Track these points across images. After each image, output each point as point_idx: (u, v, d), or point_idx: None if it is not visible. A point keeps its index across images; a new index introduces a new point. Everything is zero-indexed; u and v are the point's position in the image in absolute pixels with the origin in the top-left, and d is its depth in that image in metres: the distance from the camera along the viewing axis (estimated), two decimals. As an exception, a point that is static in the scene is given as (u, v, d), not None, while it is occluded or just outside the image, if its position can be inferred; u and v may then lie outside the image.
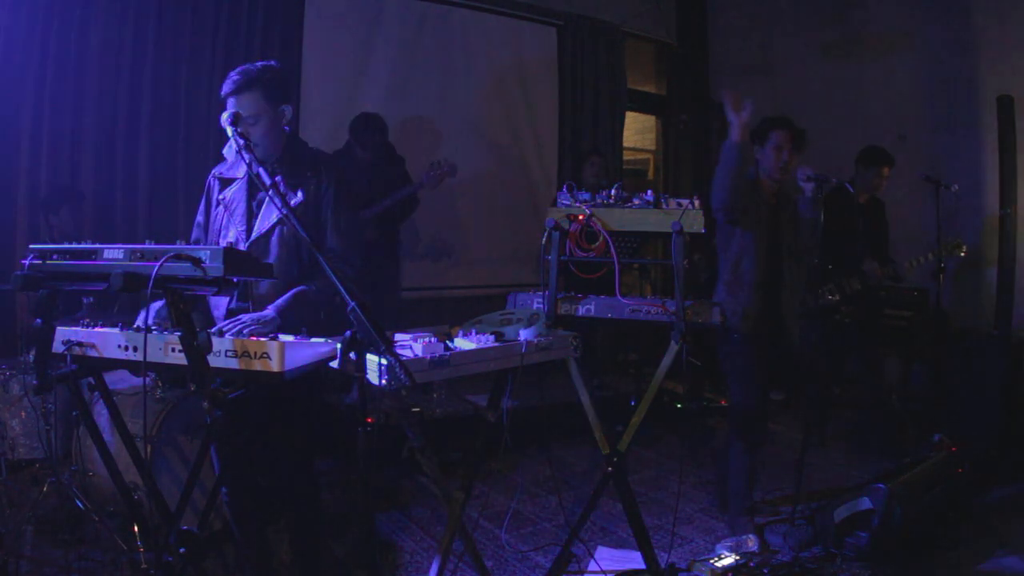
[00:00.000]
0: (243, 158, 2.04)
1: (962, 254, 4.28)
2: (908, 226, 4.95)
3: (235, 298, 2.35)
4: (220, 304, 2.37)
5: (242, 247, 2.34)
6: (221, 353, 1.82)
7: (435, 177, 4.49)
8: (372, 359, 1.84)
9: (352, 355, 1.71)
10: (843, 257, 4.19)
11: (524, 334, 2.22)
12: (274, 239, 2.34)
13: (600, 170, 5.14)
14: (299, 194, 2.34)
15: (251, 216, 2.37)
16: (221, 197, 2.43)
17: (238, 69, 2.31)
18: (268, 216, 2.33)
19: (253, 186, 2.34)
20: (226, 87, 2.28)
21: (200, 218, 2.50)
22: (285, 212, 1.98)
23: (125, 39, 4.28)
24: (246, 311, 2.28)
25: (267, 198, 2.25)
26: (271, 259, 2.33)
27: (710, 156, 6.84)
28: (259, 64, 2.33)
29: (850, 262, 4.21)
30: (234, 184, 2.41)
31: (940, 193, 4.22)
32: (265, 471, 2.49)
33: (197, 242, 2.48)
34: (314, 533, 2.50)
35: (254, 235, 2.35)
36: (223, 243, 2.33)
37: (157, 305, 2.11)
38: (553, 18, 6.00)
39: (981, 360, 4.42)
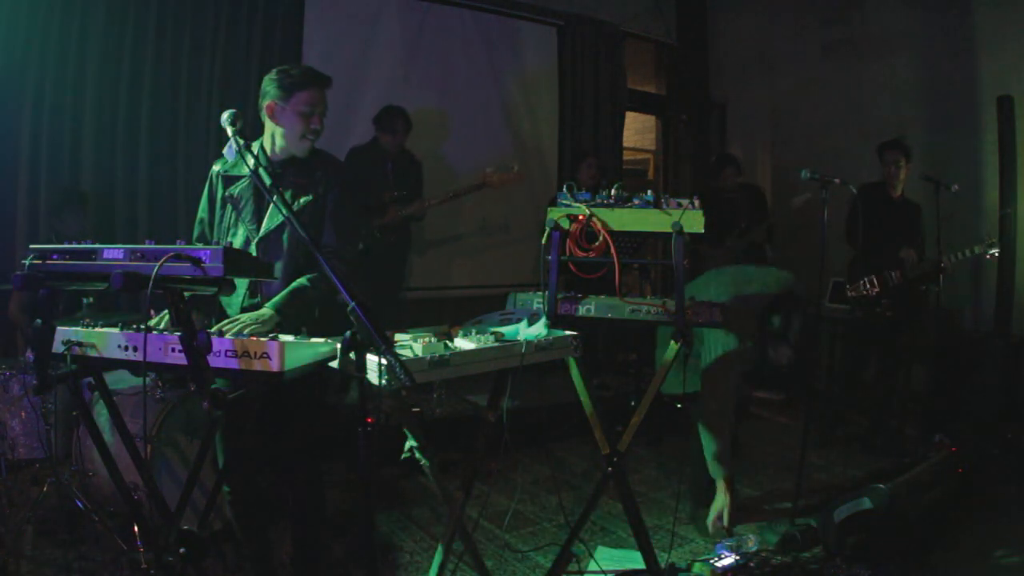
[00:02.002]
0: (244, 159, 2.05)
1: (993, 253, 4.26)
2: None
3: (247, 296, 2.36)
4: (232, 302, 2.38)
5: (253, 244, 2.36)
6: (221, 353, 1.82)
7: (502, 179, 4.57)
8: (372, 359, 1.83)
9: (352, 355, 1.71)
10: (881, 249, 4.19)
11: (524, 334, 2.22)
12: (285, 236, 2.35)
13: (596, 171, 5.15)
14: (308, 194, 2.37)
15: (261, 213, 2.38)
16: (228, 194, 2.43)
17: (306, 67, 2.43)
18: (277, 213, 2.33)
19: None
20: (312, 78, 2.38)
21: (203, 214, 2.50)
22: (286, 214, 1.98)
23: (125, 39, 4.29)
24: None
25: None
26: (282, 256, 2.35)
27: (710, 156, 6.85)
28: None
29: (888, 254, 4.23)
30: (240, 181, 2.42)
31: (940, 193, 4.22)
32: (267, 471, 2.50)
33: (201, 237, 2.49)
34: (316, 533, 2.50)
35: (263, 232, 2.36)
36: (232, 242, 2.36)
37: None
38: (553, 18, 6.00)
39: (981, 360, 4.42)
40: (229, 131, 2.04)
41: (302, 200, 2.38)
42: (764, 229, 5.52)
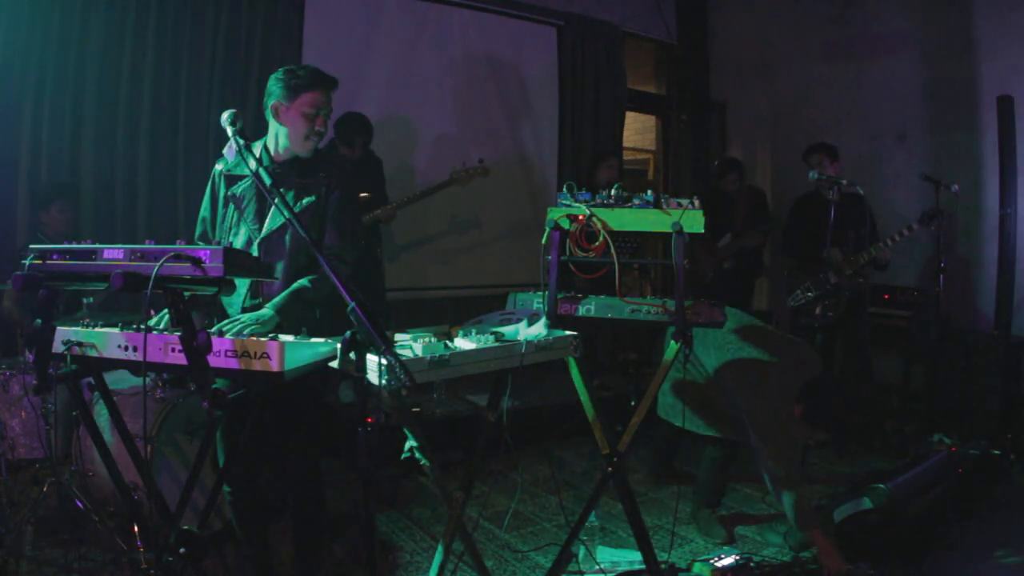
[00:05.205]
0: (244, 160, 2.05)
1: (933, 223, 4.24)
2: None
3: (248, 296, 2.36)
4: (234, 303, 2.38)
5: (255, 244, 2.36)
6: (221, 353, 1.82)
7: (467, 175, 4.53)
8: (372, 359, 1.84)
9: (352, 355, 1.71)
10: (813, 254, 4.23)
11: (524, 334, 2.22)
12: (287, 236, 2.35)
13: (616, 172, 5.09)
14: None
15: (263, 213, 2.38)
16: (230, 194, 2.43)
17: (313, 67, 2.39)
18: (279, 213, 2.33)
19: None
20: (318, 79, 2.35)
21: (206, 213, 2.50)
22: (287, 215, 1.98)
23: (125, 39, 4.28)
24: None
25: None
26: (284, 255, 2.35)
27: (710, 156, 6.84)
28: None
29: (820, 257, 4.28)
30: (243, 181, 2.42)
31: (940, 193, 4.22)
32: (268, 470, 2.50)
33: (203, 236, 2.50)
34: (316, 533, 2.50)
35: (265, 232, 2.36)
36: (234, 241, 2.36)
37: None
38: (553, 18, 6.00)
39: (981, 360, 4.42)
40: (229, 131, 2.04)
41: (304, 201, 2.38)
42: (761, 234, 5.55)
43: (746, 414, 2.88)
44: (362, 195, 4.36)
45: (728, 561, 2.92)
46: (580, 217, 2.46)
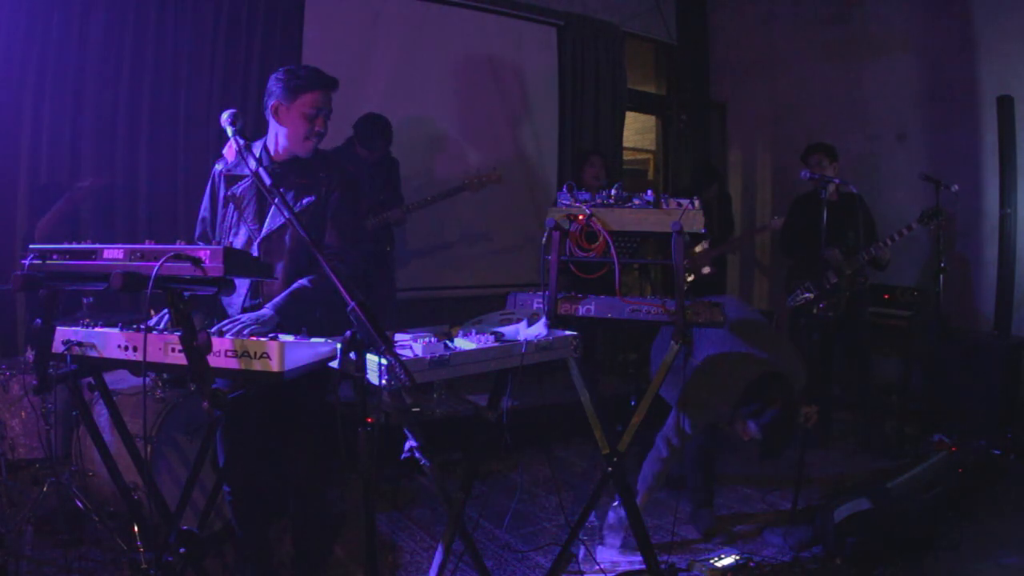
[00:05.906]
0: (244, 160, 2.05)
1: (934, 223, 4.23)
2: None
3: (248, 296, 2.36)
4: (235, 303, 2.38)
5: (255, 244, 2.36)
6: (221, 353, 1.82)
7: (480, 182, 4.56)
8: (372, 359, 1.84)
9: (352, 355, 1.71)
10: (813, 254, 4.24)
11: (524, 334, 2.22)
12: (287, 236, 2.35)
13: (601, 171, 5.11)
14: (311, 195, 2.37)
15: (263, 213, 2.38)
16: (230, 194, 2.43)
17: (314, 68, 2.39)
18: (279, 213, 2.33)
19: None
20: (318, 80, 2.35)
21: (205, 213, 2.50)
22: (288, 215, 1.98)
23: (125, 39, 4.28)
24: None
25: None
26: (284, 256, 2.35)
27: (710, 156, 6.85)
28: None
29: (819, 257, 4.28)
30: (243, 181, 2.42)
31: (940, 193, 4.22)
32: (269, 470, 2.50)
33: (202, 236, 2.50)
34: (316, 533, 2.50)
35: (265, 232, 2.36)
36: (234, 241, 2.37)
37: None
38: (553, 18, 6.00)
39: (981, 360, 4.42)
40: (229, 131, 2.04)
41: (304, 201, 2.38)
42: (734, 243, 5.60)
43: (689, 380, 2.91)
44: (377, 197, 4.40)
45: (728, 561, 2.92)
46: (580, 217, 2.47)
